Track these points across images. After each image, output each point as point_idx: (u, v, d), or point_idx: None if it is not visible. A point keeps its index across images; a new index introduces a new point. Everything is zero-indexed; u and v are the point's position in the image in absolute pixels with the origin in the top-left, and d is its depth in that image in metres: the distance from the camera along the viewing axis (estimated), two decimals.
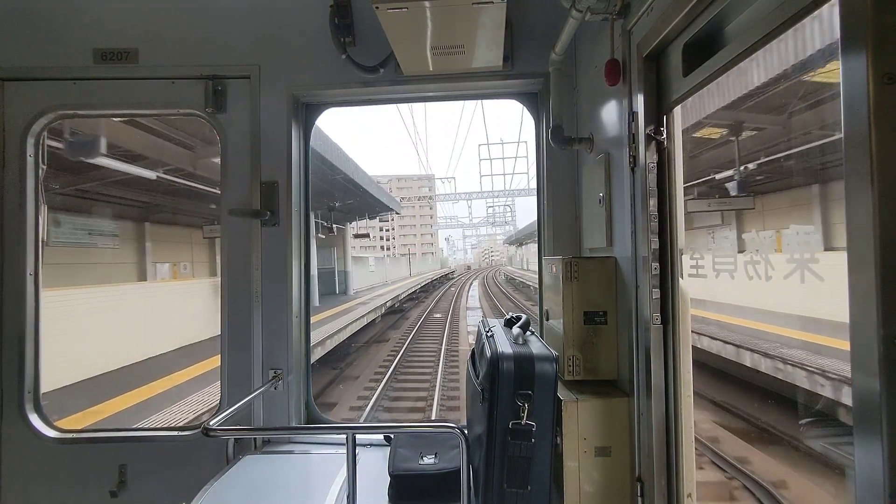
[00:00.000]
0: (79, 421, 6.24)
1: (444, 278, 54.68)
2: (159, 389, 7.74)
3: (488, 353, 1.53)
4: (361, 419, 9.07)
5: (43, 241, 2.35)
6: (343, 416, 9.35)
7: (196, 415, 6.54)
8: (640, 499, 1.53)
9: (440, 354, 13.75)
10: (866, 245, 0.73)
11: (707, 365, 7.68)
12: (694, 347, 1.47)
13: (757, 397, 7.04)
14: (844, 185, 0.77)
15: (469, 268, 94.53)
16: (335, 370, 12.39)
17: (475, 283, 45.75)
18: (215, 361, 7.38)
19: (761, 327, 7.44)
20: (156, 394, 7.51)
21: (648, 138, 1.48)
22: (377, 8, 1.64)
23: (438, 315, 22.86)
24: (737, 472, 5.27)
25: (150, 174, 9.68)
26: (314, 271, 17.12)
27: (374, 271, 32.30)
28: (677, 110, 1.47)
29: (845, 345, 0.80)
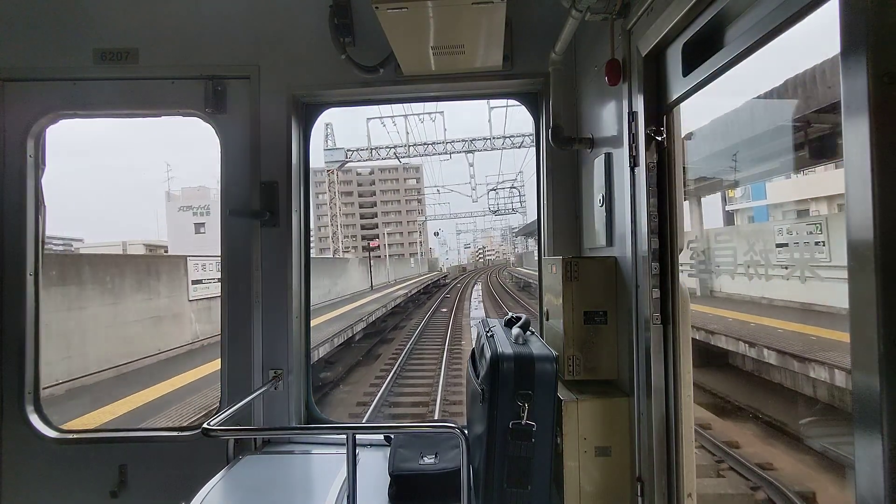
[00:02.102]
0: None
1: (434, 286, 39.45)
2: None
3: (488, 353, 1.53)
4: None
5: (43, 242, 2.35)
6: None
7: None
8: (640, 499, 1.53)
9: None
10: (867, 245, 0.73)
11: None
12: None
13: None
14: (844, 185, 0.77)
15: (464, 269, 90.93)
16: None
17: (477, 294, 33.08)
18: None
19: None
20: None
21: (648, 138, 1.48)
22: (377, 8, 1.64)
23: None
24: None
25: None
26: None
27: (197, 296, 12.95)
28: (677, 110, 1.47)
29: None
